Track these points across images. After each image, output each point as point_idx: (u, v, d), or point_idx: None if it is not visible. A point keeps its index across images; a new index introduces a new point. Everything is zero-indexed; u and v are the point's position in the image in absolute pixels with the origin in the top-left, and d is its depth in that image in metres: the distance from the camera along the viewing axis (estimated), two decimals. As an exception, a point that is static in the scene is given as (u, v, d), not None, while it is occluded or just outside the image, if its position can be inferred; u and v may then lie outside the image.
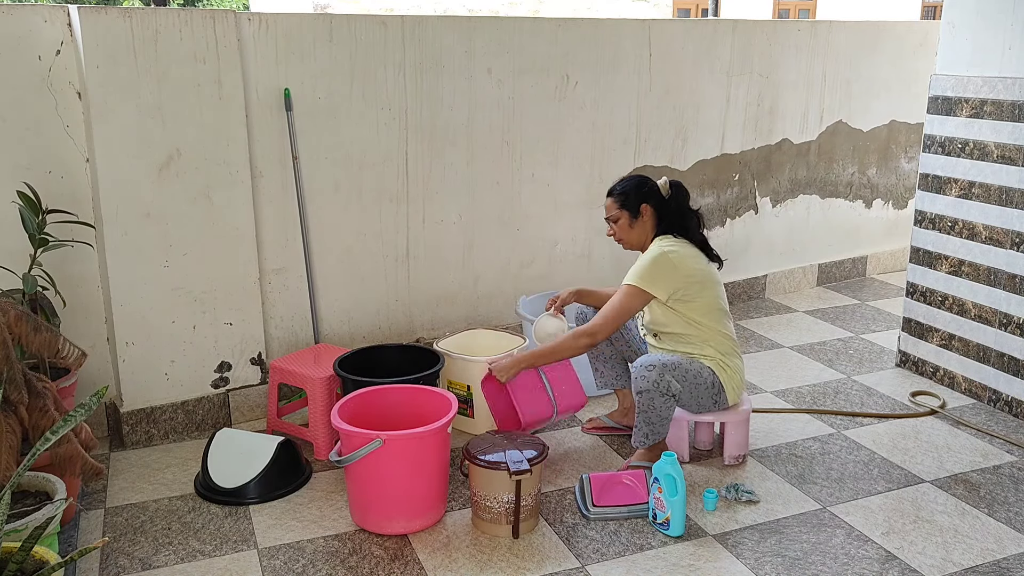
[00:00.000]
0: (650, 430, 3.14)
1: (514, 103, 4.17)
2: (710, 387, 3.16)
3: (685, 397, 3.14)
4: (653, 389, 3.05)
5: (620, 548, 2.81)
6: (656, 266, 3.11)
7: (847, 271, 5.77)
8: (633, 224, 3.23)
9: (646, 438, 3.16)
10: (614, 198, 3.25)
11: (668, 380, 3.06)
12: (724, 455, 3.33)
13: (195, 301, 3.51)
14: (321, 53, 3.64)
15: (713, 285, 3.19)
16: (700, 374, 3.14)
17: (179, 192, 3.39)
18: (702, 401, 3.19)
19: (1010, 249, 3.70)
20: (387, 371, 3.42)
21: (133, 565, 2.74)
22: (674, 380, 3.07)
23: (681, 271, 3.11)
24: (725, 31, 4.80)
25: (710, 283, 3.18)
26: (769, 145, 5.18)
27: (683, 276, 3.11)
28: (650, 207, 3.22)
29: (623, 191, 3.24)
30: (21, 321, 2.46)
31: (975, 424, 3.66)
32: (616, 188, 3.27)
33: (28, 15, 3.17)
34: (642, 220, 3.22)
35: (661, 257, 3.12)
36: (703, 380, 3.14)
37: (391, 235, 4.00)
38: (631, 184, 3.26)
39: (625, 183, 3.27)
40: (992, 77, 3.74)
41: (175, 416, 3.57)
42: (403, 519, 2.86)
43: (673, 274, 3.11)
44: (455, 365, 3.57)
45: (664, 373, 3.05)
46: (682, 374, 3.10)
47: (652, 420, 3.12)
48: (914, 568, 2.71)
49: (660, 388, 3.05)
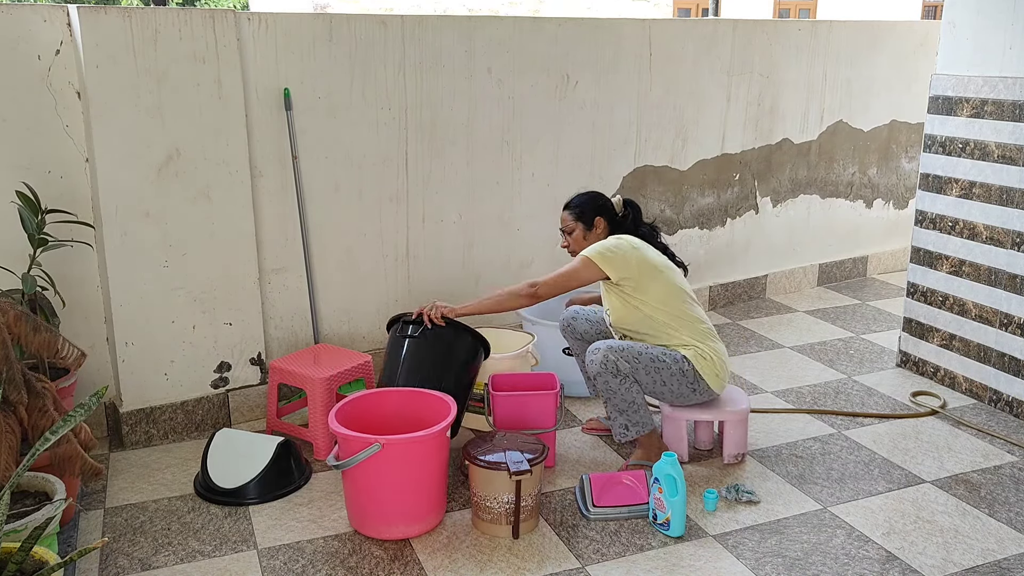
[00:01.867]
0: (626, 420, 3.16)
1: (514, 103, 4.16)
2: (680, 374, 3.13)
3: (649, 380, 3.13)
4: (603, 371, 3.08)
5: (620, 548, 2.81)
6: (615, 246, 3.18)
7: (848, 271, 5.77)
8: (587, 236, 3.32)
9: (625, 429, 3.18)
10: (570, 211, 3.35)
11: (614, 360, 3.08)
12: (723, 454, 3.33)
13: (195, 301, 3.51)
14: (321, 53, 3.64)
15: (670, 273, 3.22)
16: (661, 359, 3.12)
17: (179, 192, 3.39)
18: (676, 389, 3.16)
19: (1011, 249, 3.69)
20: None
21: (133, 565, 2.73)
22: (622, 359, 3.08)
23: (635, 256, 3.16)
24: (725, 31, 4.79)
25: (666, 272, 3.20)
26: (769, 145, 5.18)
27: (636, 262, 3.15)
28: (604, 220, 3.33)
29: (579, 204, 3.35)
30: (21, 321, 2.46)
31: (976, 424, 3.66)
32: (572, 201, 3.38)
33: (28, 15, 3.17)
34: (596, 233, 3.32)
35: (623, 240, 3.21)
36: (667, 366, 3.12)
37: (391, 235, 4.00)
38: (587, 198, 3.37)
39: (581, 197, 3.38)
40: (993, 77, 3.74)
41: (175, 416, 3.57)
42: (402, 524, 2.85)
43: (629, 256, 3.15)
44: None
45: (608, 354, 3.08)
46: (634, 355, 3.10)
47: (620, 407, 3.14)
48: (914, 568, 2.70)
49: (608, 368, 3.07)
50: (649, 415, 3.20)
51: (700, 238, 5.04)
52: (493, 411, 3.23)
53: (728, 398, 3.37)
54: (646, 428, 3.18)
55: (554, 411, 3.27)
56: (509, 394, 3.24)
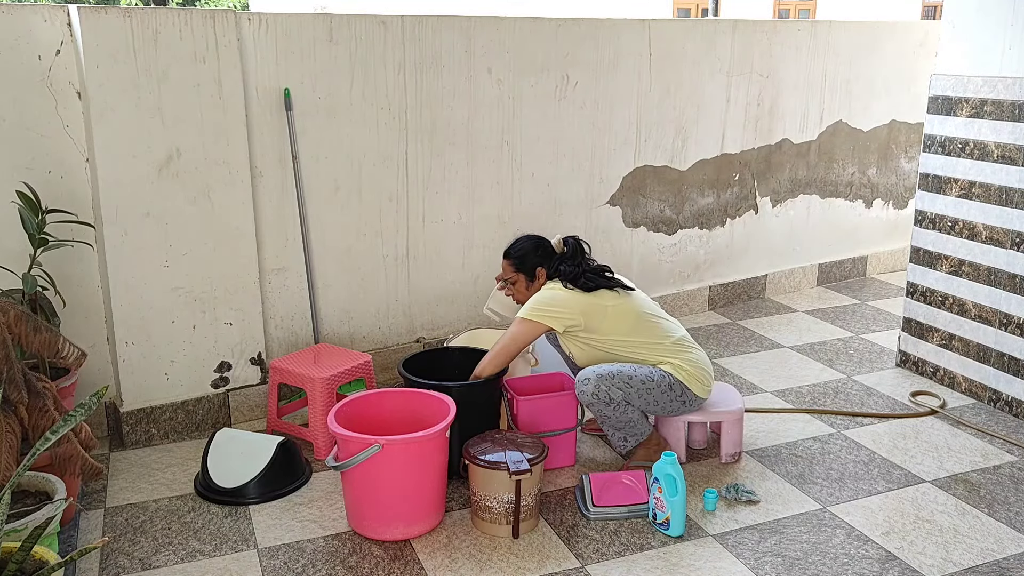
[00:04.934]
0: (623, 435, 3.19)
1: (514, 103, 4.16)
2: (667, 389, 3.13)
3: (642, 402, 3.13)
4: (595, 401, 3.09)
5: (620, 548, 2.81)
6: (551, 298, 3.16)
7: (847, 271, 5.77)
8: (529, 287, 3.29)
9: (624, 442, 3.21)
10: (511, 261, 3.31)
11: (605, 389, 3.07)
12: (721, 454, 3.34)
13: (195, 301, 3.51)
14: (321, 53, 3.64)
15: (620, 301, 3.18)
16: (649, 378, 3.11)
17: (179, 192, 3.39)
18: (666, 404, 3.17)
19: (1010, 249, 3.70)
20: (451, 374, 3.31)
21: (133, 565, 2.74)
22: (613, 387, 3.07)
23: (574, 301, 3.14)
24: (725, 31, 4.80)
25: (613, 304, 3.17)
26: (769, 145, 5.18)
27: (578, 307, 3.14)
28: (544, 270, 3.28)
29: (519, 255, 3.30)
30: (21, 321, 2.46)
31: (975, 424, 3.66)
32: (512, 251, 3.32)
33: (28, 15, 3.17)
34: (538, 283, 3.29)
35: (556, 291, 3.17)
36: (655, 384, 3.12)
37: (391, 235, 4.00)
38: (528, 247, 3.31)
39: (521, 246, 3.32)
40: (992, 77, 3.74)
41: (175, 416, 3.57)
42: (402, 525, 2.85)
43: (568, 303, 3.14)
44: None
45: (600, 383, 3.07)
46: (624, 380, 3.09)
47: (617, 426, 3.16)
48: (914, 568, 2.71)
49: (600, 398, 3.08)
50: (645, 424, 3.20)
51: (700, 238, 5.04)
52: (516, 415, 3.22)
53: (722, 398, 3.37)
54: (644, 435, 3.20)
55: (575, 410, 3.29)
56: (531, 397, 3.24)
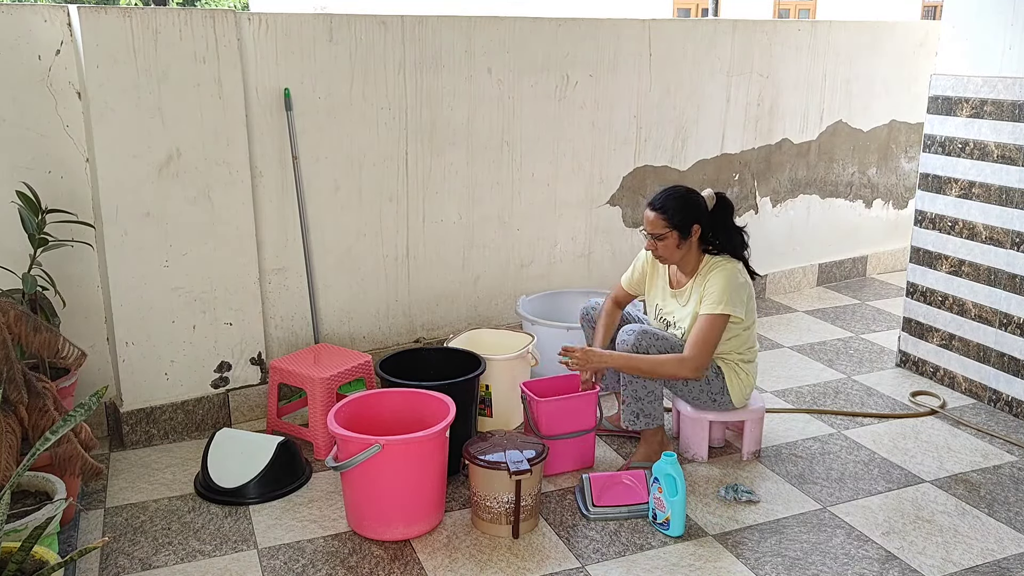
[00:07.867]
0: (638, 408, 3.16)
1: (514, 103, 4.16)
2: (706, 382, 3.17)
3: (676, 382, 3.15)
4: (632, 352, 3.08)
5: (620, 548, 2.81)
6: (748, 294, 3.16)
7: (847, 271, 5.77)
8: (681, 245, 3.09)
9: (636, 417, 3.17)
10: (663, 214, 3.05)
11: (646, 346, 3.07)
12: (743, 451, 3.36)
13: (195, 301, 3.51)
14: (321, 53, 3.64)
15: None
16: None
17: (179, 192, 3.39)
18: (697, 395, 3.19)
19: (1010, 249, 3.69)
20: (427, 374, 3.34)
21: (133, 565, 2.74)
22: (654, 347, 3.07)
23: (752, 290, 3.19)
24: (725, 31, 4.80)
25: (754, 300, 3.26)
26: (769, 145, 5.18)
27: (754, 305, 3.20)
28: (700, 227, 3.10)
29: (674, 208, 3.05)
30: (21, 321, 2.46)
31: (975, 424, 3.66)
32: (667, 205, 3.05)
33: (28, 15, 3.17)
34: (691, 240, 3.10)
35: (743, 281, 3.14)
36: None
37: (391, 235, 4.00)
38: (682, 201, 3.07)
39: (674, 199, 3.07)
40: (992, 77, 3.74)
41: (175, 416, 3.57)
42: (402, 525, 2.84)
43: (752, 298, 3.19)
44: None
45: (642, 338, 3.07)
46: (668, 347, 3.09)
47: (638, 394, 3.14)
48: (914, 568, 2.71)
49: (640, 351, 3.07)
50: (661, 411, 3.21)
51: (700, 238, 5.04)
52: (536, 418, 3.20)
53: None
54: (654, 423, 3.19)
55: (595, 410, 3.29)
56: (552, 399, 3.20)
